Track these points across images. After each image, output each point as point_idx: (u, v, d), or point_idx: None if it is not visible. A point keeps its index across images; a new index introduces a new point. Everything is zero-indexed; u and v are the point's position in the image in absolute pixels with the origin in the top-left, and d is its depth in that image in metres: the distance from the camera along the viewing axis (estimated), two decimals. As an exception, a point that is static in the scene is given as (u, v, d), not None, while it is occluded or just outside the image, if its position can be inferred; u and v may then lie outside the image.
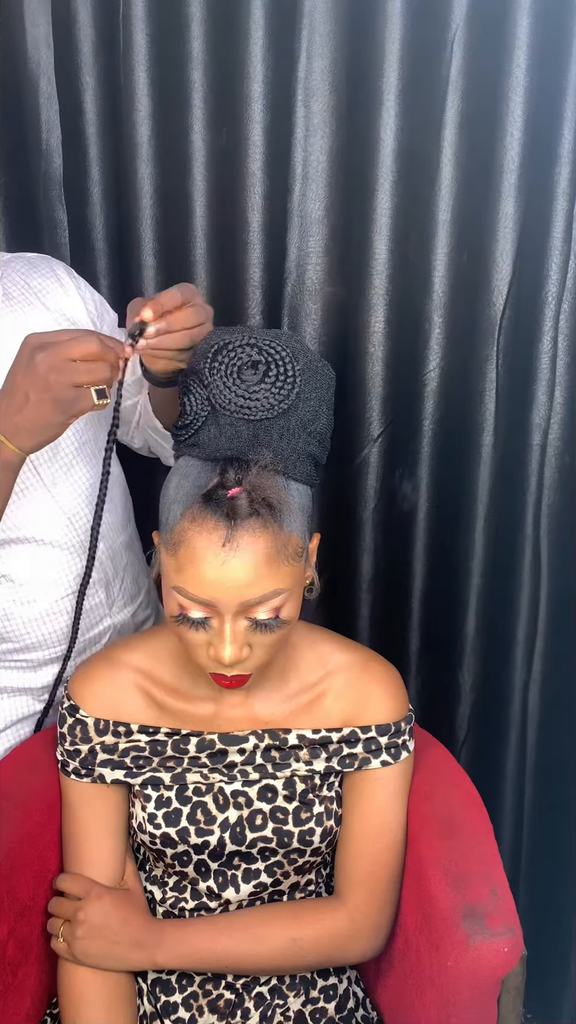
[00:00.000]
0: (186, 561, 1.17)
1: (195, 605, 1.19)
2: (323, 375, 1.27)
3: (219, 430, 1.21)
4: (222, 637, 1.19)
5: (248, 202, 1.75)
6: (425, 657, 2.01)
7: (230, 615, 1.18)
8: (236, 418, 1.21)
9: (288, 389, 1.21)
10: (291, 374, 1.22)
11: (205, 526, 1.16)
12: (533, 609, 1.92)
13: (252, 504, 1.16)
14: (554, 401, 1.81)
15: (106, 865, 1.40)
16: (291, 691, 1.38)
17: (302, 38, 1.66)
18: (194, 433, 1.23)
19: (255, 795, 1.37)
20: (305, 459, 1.24)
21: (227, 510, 1.15)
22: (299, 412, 1.22)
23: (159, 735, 1.37)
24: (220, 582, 1.16)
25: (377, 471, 1.89)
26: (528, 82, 1.65)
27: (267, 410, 1.20)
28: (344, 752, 1.38)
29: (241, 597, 1.17)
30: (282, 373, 1.22)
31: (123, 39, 1.71)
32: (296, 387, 1.22)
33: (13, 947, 1.33)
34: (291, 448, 1.22)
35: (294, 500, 1.20)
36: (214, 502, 1.16)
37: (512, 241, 1.73)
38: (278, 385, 1.21)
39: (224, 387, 1.21)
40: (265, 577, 1.17)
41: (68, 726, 1.39)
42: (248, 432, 1.21)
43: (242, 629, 1.20)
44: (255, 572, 1.16)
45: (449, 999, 1.23)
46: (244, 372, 1.22)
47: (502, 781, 2.03)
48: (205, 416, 1.22)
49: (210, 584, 1.16)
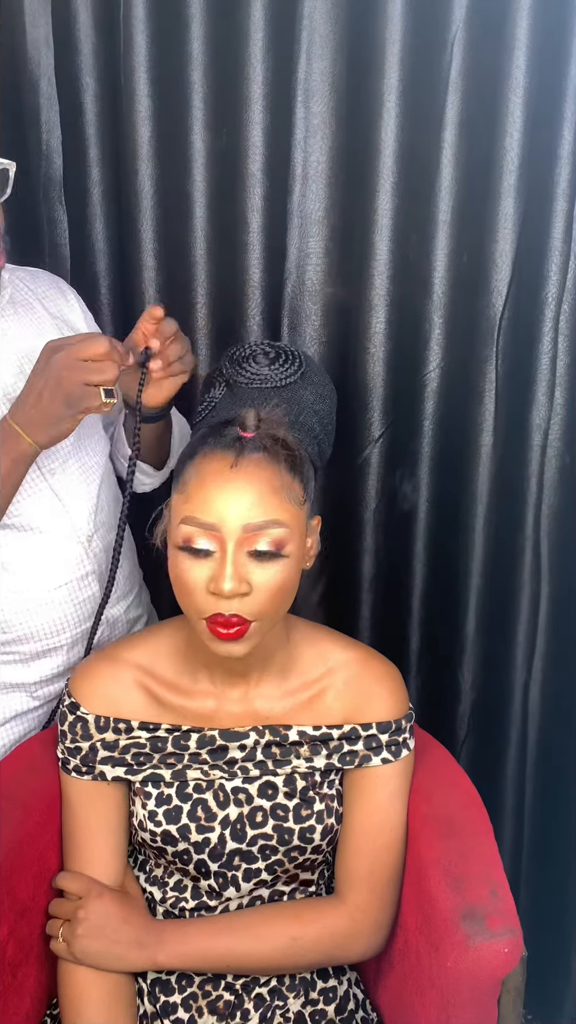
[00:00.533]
0: (195, 488, 1.22)
1: (201, 532, 1.21)
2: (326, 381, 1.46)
3: (234, 398, 1.35)
4: (223, 565, 1.21)
5: (248, 203, 1.76)
6: (425, 657, 2.01)
7: (233, 541, 1.20)
8: (251, 388, 1.38)
9: (296, 367, 1.41)
10: (298, 360, 1.43)
11: (215, 456, 1.23)
12: (533, 609, 1.92)
13: (260, 431, 1.25)
14: (554, 402, 1.81)
15: (107, 863, 1.40)
16: (291, 687, 1.39)
17: (302, 39, 1.67)
18: (212, 409, 1.36)
19: (255, 792, 1.37)
20: (309, 433, 1.35)
21: (237, 441, 1.24)
22: (305, 391, 1.40)
23: (159, 731, 1.37)
24: (225, 501, 1.20)
25: (378, 471, 1.89)
26: (528, 83, 1.65)
27: (277, 380, 1.38)
28: (345, 749, 1.38)
29: (244, 519, 1.20)
30: (289, 358, 1.43)
31: (123, 40, 1.71)
32: (302, 368, 1.40)
33: (13, 947, 1.33)
34: (296, 415, 1.34)
35: (299, 455, 1.27)
36: (226, 437, 1.25)
37: (512, 241, 1.73)
38: (286, 365, 1.41)
39: (239, 368, 1.40)
40: (268, 503, 1.21)
41: (68, 723, 1.39)
42: (260, 397, 1.36)
43: (243, 562, 1.22)
44: (259, 495, 1.21)
45: (449, 1000, 1.23)
46: (258, 357, 1.42)
47: (502, 781, 2.03)
48: (222, 395, 1.36)
49: (216, 505, 1.20)
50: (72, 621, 1.55)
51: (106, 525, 1.58)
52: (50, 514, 1.50)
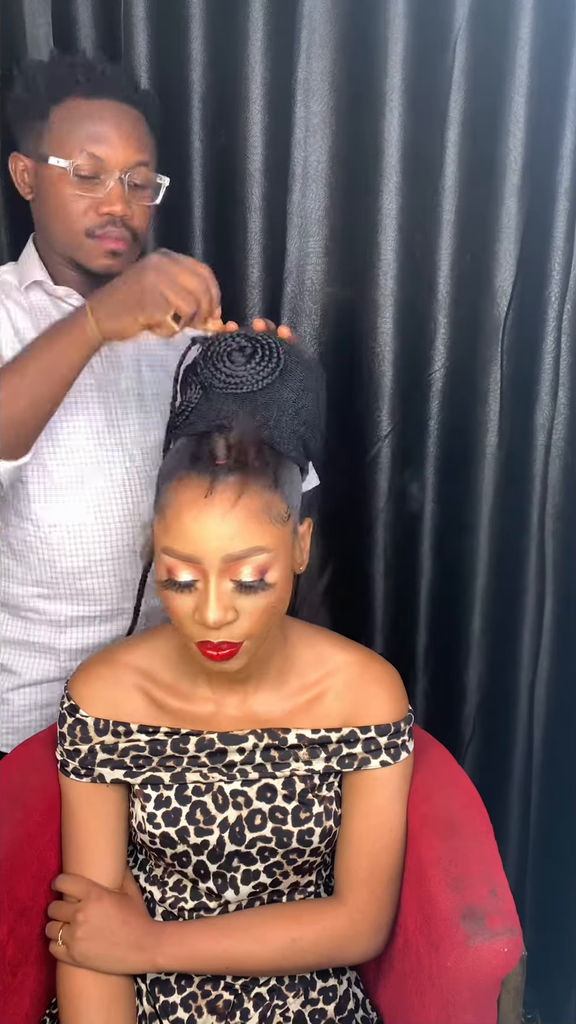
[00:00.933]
0: (172, 518, 1.20)
1: (181, 564, 1.20)
2: (309, 368, 1.34)
3: (209, 405, 1.27)
4: (207, 597, 1.20)
5: (248, 203, 1.76)
6: (431, 656, 2.01)
7: (214, 572, 1.19)
8: (225, 394, 1.27)
9: (273, 366, 1.28)
10: (276, 355, 1.29)
11: (190, 483, 1.19)
12: (538, 609, 1.92)
13: (231, 455, 1.20)
14: (558, 401, 1.80)
15: (106, 865, 1.40)
16: (290, 690, 1.38)
17: (301, 38, 1.67)
18: (187, 415, 1.29)
19: (254, 795, 1.37)
20: (291, 436, 1.28)
21: (209, 466, 1.19)
22: (283, 390, 1.28)
23: (159, 734, 1.37)
24: (202, 533, 1.18)
25: (385, 471, 1.89)
26: (531, 82, 1.65)
27: (252, 383, 1.27)
28: (343, 752, 1.37)
29: (224, 550, 1.18)
30: (267, 353, 1.29)
31: (123, 39, 1.71)
32: (280, 365, 1.29)
33: (13, 947, 1.33)
34: (276, 419, 1.27)
35: (279, 466, 1.24)
36: (200, 462, 1.20)
37: (515, 241, 1.73)
38: (263, 363, 1.29)
39: (216, 369, 1.29)
40: (247, 530, 1.19)
41: (68, 726, 1.39)
42: (235, 404, 1.27)
43: (227, 591, 1.20)
44: (237, 523, 1.18)
45: (449, 999, 1.23)
46: (233, 355, 1.30)
47: (508, 781, 2.02)
48: (198, 399, 1.29)
49: (194, 537, 1.18)
50: (113, 596, 1.59)
51: None
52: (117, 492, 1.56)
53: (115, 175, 1.46)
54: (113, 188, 1.47)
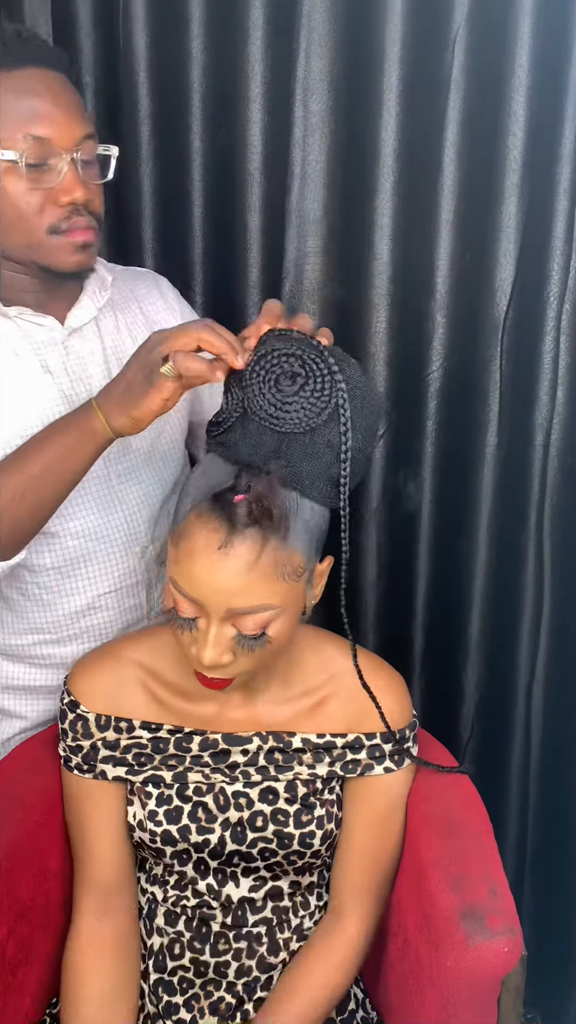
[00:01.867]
0: (184, 556, 1.18)
1: (185, 601, 1.19)
2: (366, 399, 1.22)
3: (245, 434, 1.20)
4: (205, 639, 1.19)
5: (247, 202, 1.76)
6: (429, 657, 2.01)
7: (216, 619, 1.18)
8: (263, 426, 1.19)
9: (322, 407, 1.18)
10: (328, 392, 1.18)
11: (207, 525, 1.16)
12: (536, 609, 1.92)
13: (252, 513, 1.15)
14: (556, 401, 1.80)
15: (112, 859, 1.40)
16: (294, 694, 1.38)
17: (301, 38, 1.66)
18: (223, 432, 1.22)
19: (256, 796, 1.37)
20: (325, 481, 1.21)
21: (230, 514, 1.15)
22: (328, 432, 1.19)
23: (161, 732, 1.37)
24: (210, 585, 1.16)
25: (380, 471, 1.88)
26: (530, 81, 1.65)
27: (295, 424, 1.18)
28: (348, 758, 1.37)
29: (229, 604, 1.17)
30: (318, 388, 1.18)
31: (123, 39, 1.71)
32: (329, 407, 1.18)
33: (13, 947, 1.33)
34: (310, 468, 1.19)
35: (301, 518, 1.19)
36: (220, 504, 1.16)
37: (514, 241, 1.73)
38: (312, 400, 1.18)
39: (259, 393, 1.19)
40: (256, 589, 1.17)
41: (69, 722, 1.39)
42: (272, 442, 1.19)
43: (227, 636, 1.20)
44: (247, 582, 1.16)
45: (449, 999, 1.23)
46: (282, 381, 1.19)
47: (506, 781, 2.02)
48: (236, 418, 1.21)
49: (201, 584, 1.16)
50: (116, 627, 1.54)
51: (164, 537, 1.57)
52: (109, 519, 1.49)
53: (65, 157, 1.30)
54: (67, 172, 1.30)
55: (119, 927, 1.40)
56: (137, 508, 1.52)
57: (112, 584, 1.51)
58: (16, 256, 1.36)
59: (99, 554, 1.49)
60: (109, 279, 1.52)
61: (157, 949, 1.43)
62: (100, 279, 1.51)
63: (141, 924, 1.44)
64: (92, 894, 1.40)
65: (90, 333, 1.48)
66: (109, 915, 1.40)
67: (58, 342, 1.44)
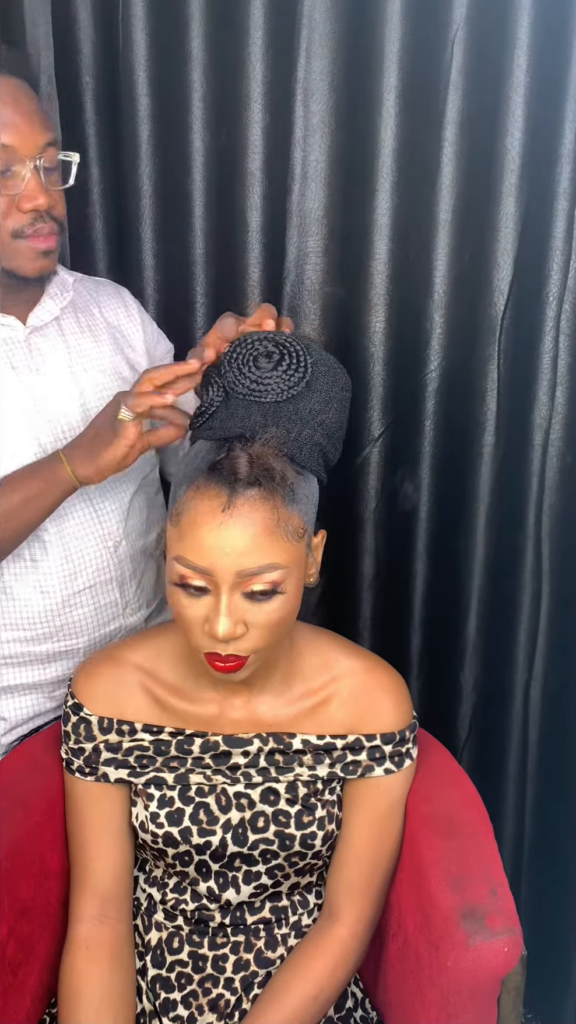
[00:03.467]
0: (187, 528, 1.19)
1: (194, 574, 1.20)
2: (337, 375, 1.31)
3: (230, 412, 1.25)
4: (217, 610, 1.19)
5: (247, 202, 1.76)
6: (426, 657, 2.01)
7: (227, 585, 1.19)
8: (248, 401, 1.25)
9: (299, 377, 1.26)
10: (303, 363, 1.26)
11: (207, 493, 1.18)
12: (534, 609, 1.92)
13: (253, 471, 1.18)
14: (555, 401, 1.80)
15: (112, 862, 1.40)
16: (294, 695, 1.38)
17: (301, 38, 1.66)
18: (208, 419, 1.27)
19: (257, 797, 1.37)
20: (312, 448, 1.26)
21: (229, 478, 1.18)
22: (309, 401, 1.26)
23: (163, 734, 1.37)
24: (219, 547, 1.17)
25: (378, 471, 1.89)
26: (529, 82, 1.65)
27: (277, 393, 1.25)
28: (348, 759, 1.37)
29: (238, 565, 1.17)
30: (294, 362, 1.26)
31: (123, 39, 1.71)
32: (307, 376, 1.26)
33: (13, 947, 1.33)
34: (298, 432, 1.25)
35: (299, 482, 1.22)
36: (218, 471, 1.19)
37: (513, 241, 1.73)
38: (289, 372, 1.26)
39: (239, 374, 1.26)
40: (263, 547, 1.18)
41: (72, 724, 1.39)
42: (259, 414, 1.24)
43: (238, 603, 1.20)
44: (253, 540, 1.17)
45: (449, 999, 1.23)
46: (259, 360, 1.27)
47: (504, 781, 2.02)
48: (219, 402, 1.26)
49: (209, 550, 1.17)
50: (91, 625, 1.55)
51: (136, 531, 1.58)
52: (80, 517, 1.51)
53: (28, 164, 1.33)
54: (31, 179, 1.33)
55: (117, 933, 1.39)
56: (107, 505, 1.53)
57: (86, 581, 1.52)
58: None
59: (72, 551, 1.50)
60: (70, 281, 1.55)
61: (155, 944, 1.43)
62: (61, 281, 1.54)
63: (139, 921, 1.45)
64: (90, 899, 1.39)
65: (52, 333, 1.50)
66: (107, 921, 1.39)
67: (20, 340, 1.46)
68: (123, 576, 1.57)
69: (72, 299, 1.54)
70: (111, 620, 1.57)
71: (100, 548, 1.53)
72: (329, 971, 1.36)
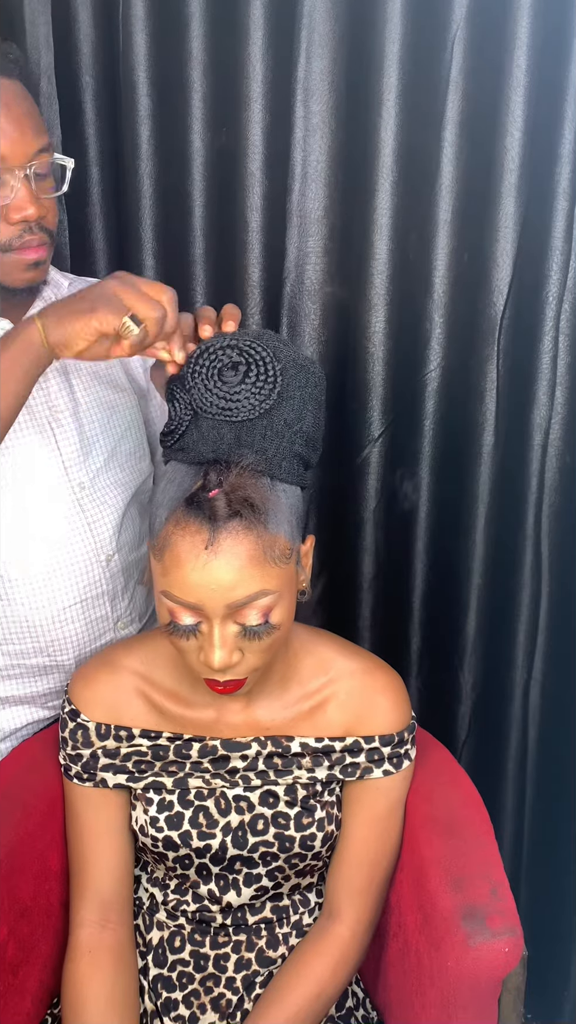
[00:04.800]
0: (171, 565, 1.17)
1: (183, 609, 1.18)
2: (309, 374, 1.25)
3: (201, 433, 1.20)
4: (211, 642, 1.18)
5: (247, 202, 1.75)
6: (426, 657, 2.01)
7: (218, 619, 1.18)
8: (218, 420, 1.19)
9: (269, 389, 1.20)
10: (272, 373, 1.20)
11: (188, 529, 1.15)
12: (534, 609, 1.92)
13: (232, 505, 1.15)
14: (555, 401, 1.80)
15: (111, 867, 1.40)
16: (292, 698, 1.38)
17: (301, 38, 1.66)
18: (178, 439, 1.22)
19: (257, 800, 1.37)
20: (291, 459, 1.22)
21: (209, 512, 1.15)
22: (282, 411, 1.21)
23: (161, 740, 1.37)
24: (205, 585, 1.15)
25: (378, 471, 1.89)
26: (529, 82, 1.65)
27: (248, 411, 1.19)
28: (347, 761, 1.37)
29: (227, 599, 1.16)
30: (263, 373, 1.20)
31: (123, 39, 1.71)
32: (277, 386, 1.20)
33: (13, 947, 1.33)
34: (275, 448, 1.20)
35: (280, 501, 1.19)
36: (196, 505, 1.16)
37: (513, 241, 1.73)
38: (259, 385, 1.19)
39: (205, 390, 1.20)
40: (250, 578, 1.16)
41: (69, 730, 1.39)
42: (231, 434, 1.19)
43: (232, 634, 1.19)
44: (239, 573, 1.15)
45: (449, 999, 1.23)
46: (224, 373, 1.20)
47: (503, 781, 2.03)
48: (188, 421, 1.21)
49: (195, 587, 1.16)
50: (82, 640, 1.51)
51: (128, 545, 1.55)
52: (73, 529, 1.46)
53: (18, 173, 1.27)
54: (20, 189, 1.28)
55: (119, 937, 1.39)
56: (100, 517, 1.49)
57: (77, 595, 1.48)
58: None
59: (64, 565, 1.46)
60: (65, 284, 1.51)
61: (156, 943, 1.43)
62: (56, 283, 1.50)
63: (140, 920, 1.45)
64: (91, 904, 1.39)
65: None
66: (108, 926, 1.39)
67: None
68: (115, 591, 1.54)
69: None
70: (102, 635, 1.54)
71: (92, 562, 1.49)
72: (330, 971, 1.36)
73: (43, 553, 1.45)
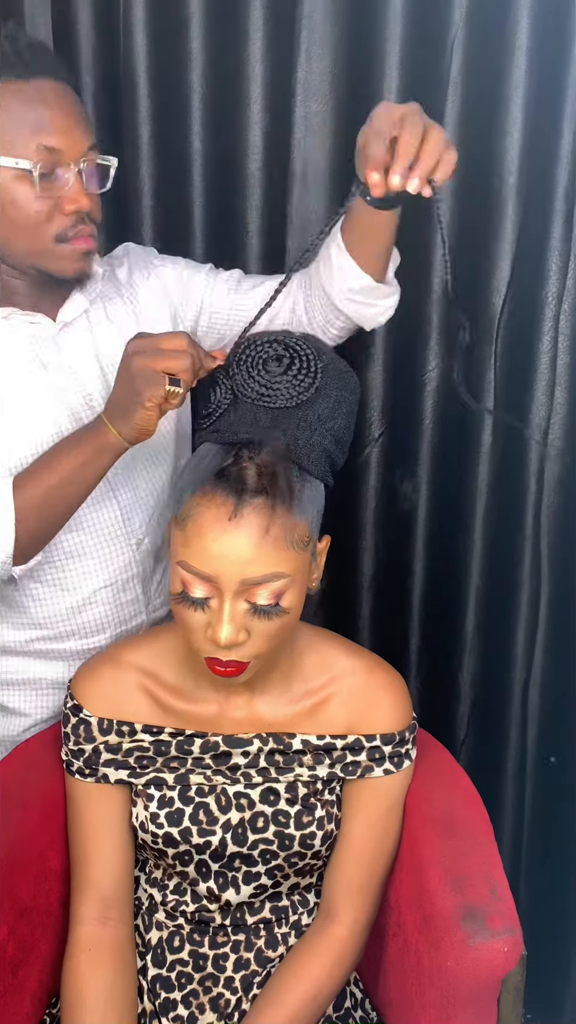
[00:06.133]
0: (193, 534, 1.18)
1: (198, 580, 1.19)
2: (347, 379, 1.33)
3: (238, 415, 1.26)
4: (220, 616, 1.19)
5: (247, 203, 1.76)
6: (425, 656, 2.01)
7: (230, 593, 1.19)
8: (256, 406, 1.26)
9: (309, 382, 1.26)
10: (313, 369, 1.27)
11: (214, 501, 1.18)
12: (533, 608, 1.92)
13: (261, 480, 1.18)
14: (554, 401, 1.80)
15: (112, 863, 1.40)
16: (294, 695, 1.38)
17: (301, 39, 1.67)
18: (215, 420, 1.27)
19: (257, 797, 1.37)
20: (320, 454, 1.26)
21: (236, 486, 1.17)
22: (317, 407, 1.27)
23: (163, 735, 1.37)
24: (223, 555, 1.17)
25: (377, 471, 1.89)
26: (528, 83, 1.65)
27: (286, 399, 1.26)
28: (348, 759, 1.37)
29: (243, 574, 1.17)
30: (304, 367, 1.27)
31: (123, 40, 1.71)
32: (317, 381, 1.27)
33: (13, 947, 1.33)
34: (306, 439, 1.25)
35: (305, 490, 1.22)
36: (225, 479, 1.19)
37: (512, 242, 1.74)
38: (299, 378, 1.27)
39: (248, 377, 1.27)
40: (268, 556, 1.18)
41: (72, 726, 1.39)
42: (266, 419, 1.25)
43: (241, 611, 1.20)
44: (258, 549, 1.17)
45: (449, 999, 1.23)
46: (269, 364, 1.28)
47: (502, 780, 2.03)
48: (227, 404, 1.27)
49: (214, 557, 1.17)
50: (113, 622, 1.55)
51: (157, 529, 1.57)
52: (105, 515, 1.50)
53: (72, 167, 1.33)
54: (74, 182, 1.34)
55: (119, 934, 1.39)
56: (132, 500, 1.52)
57: (108, 578, 1.52)
58: (16, 262, 1.39)
59: (95, 548, 1.50)
60: (100, 272, 1.52)
61: (156, 943, 1.43)
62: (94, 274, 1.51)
63: (139, 920, 1.45)
64: (91, 901, 1.39)
65: (81, 327, 1.49)
66: (109, 923, 1.39)
67: (50, 337, 1.46)
68: (145, 574, 1.57)
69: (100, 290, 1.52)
70: (133, 616, 1.57)
71: (124, 547, 1.52)
72: (327, 971, 1.36)
73: (74, 536, 1.48)
